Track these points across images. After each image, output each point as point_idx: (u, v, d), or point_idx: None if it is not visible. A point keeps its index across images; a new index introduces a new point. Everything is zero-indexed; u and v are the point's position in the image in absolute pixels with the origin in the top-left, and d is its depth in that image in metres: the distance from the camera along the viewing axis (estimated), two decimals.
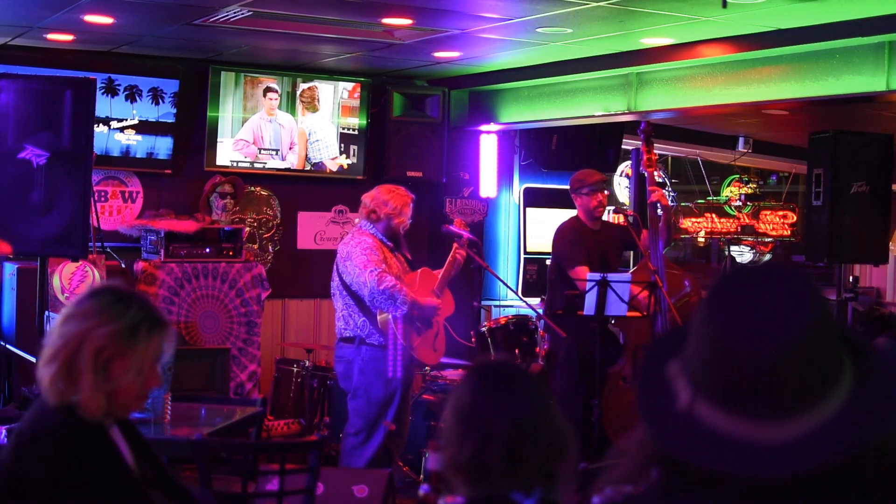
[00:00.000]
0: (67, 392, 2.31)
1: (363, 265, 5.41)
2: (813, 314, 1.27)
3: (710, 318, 1.31)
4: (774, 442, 1.27)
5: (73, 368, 2.31)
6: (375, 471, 5.26)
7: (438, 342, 5.87)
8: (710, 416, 1.31)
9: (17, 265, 6.53)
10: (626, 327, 6.22)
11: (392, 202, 5.62)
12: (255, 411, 4.66)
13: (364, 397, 5.59)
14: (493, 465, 1.96)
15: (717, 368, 1.29)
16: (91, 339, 2.31)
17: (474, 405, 2.01)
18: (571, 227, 6.38)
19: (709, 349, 1.30)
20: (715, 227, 9.61)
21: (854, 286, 6.75)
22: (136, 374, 2.34)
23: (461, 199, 8.48)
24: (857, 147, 6.46)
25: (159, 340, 2.39)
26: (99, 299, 2.38)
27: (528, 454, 1.97)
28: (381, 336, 5.54)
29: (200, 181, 7.33)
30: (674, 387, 1.36)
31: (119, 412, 2.43)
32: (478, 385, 2.04)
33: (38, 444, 2.31)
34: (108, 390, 2.32)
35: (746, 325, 1.27)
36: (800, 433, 1.26)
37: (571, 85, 7.39)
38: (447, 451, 2.01)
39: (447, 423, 2.04)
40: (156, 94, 7.25)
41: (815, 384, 1.27)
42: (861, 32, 5.40)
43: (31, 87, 5.30)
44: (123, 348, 2.33)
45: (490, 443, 1.96)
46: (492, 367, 2.11)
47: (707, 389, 1.31)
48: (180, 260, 6.75)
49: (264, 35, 6.45)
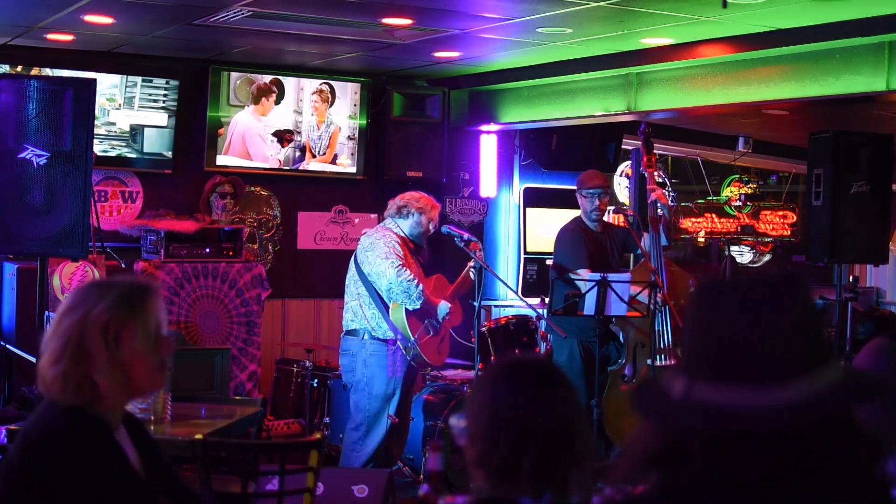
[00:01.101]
0: (83, 385, 2.29)
1: (385, 256, 5.60)
2: (801, 296, 1.39)
3: (704, 304, 1.42)
4: (773, 403, 1.34)
5: (84, 356, 2.30)
6: (375, 471, 5.26)
7: (444, 346, 5.97)
8: (708, 392, 1.38)
9: (16, 265, 6.53)
10: (627, 327, 6.22)
11: (423, 200, 5.88)
12: (255, 411, 4.66)
13: (365, 390, 5.68)
14: (524, 468, 1.92)
15: (714, 346, 1.39)
16: (92, 321, 2.30)
17: (514, 405, 1.96)
18: (573, 229, 6.38)
19: (704, 330, 1.40)
20: (715, 227, 9.61)
21: (854, 286, 6.74)
22: (145, 339, 2.34)
23: (461, 199, 8.49)
24: (857, 147, 6.45)
25: (154, 303, 2.39)
26: (83, 290, 2.41)
27: (561, 459, 1.94)
28: (387, 331, 5.63)
29: (200, 181, 7.33)
30: (668, 386, 1.44)
31: (141, 391, 2.42)
32: (516, 384, 1.99)
33: (46, 444, 2.31)
34: (124, 363, 2.31)
35: (741, 303, 1.38)
36: (796, 395, 1.35)
37: (571, 85, 7.39)
38: (476, 446, 1.97)
39: (477, 418, 1.99)
40: (156, 94, 7.25)
41: (806, 356, 1.37)
42: (861, 32, 5.40)
43: (31, 87, 5.30)
44: (126, 316, 2.33)
45: (527, 446, 1.93)
46: (531, 367, 2.05)
47: (703, 370, 1.40)
48: (180, 260, 6.75)
49: (264, 35, 6.45)
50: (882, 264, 7.21)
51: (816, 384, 1.35)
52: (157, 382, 2.45)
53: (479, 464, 1.97)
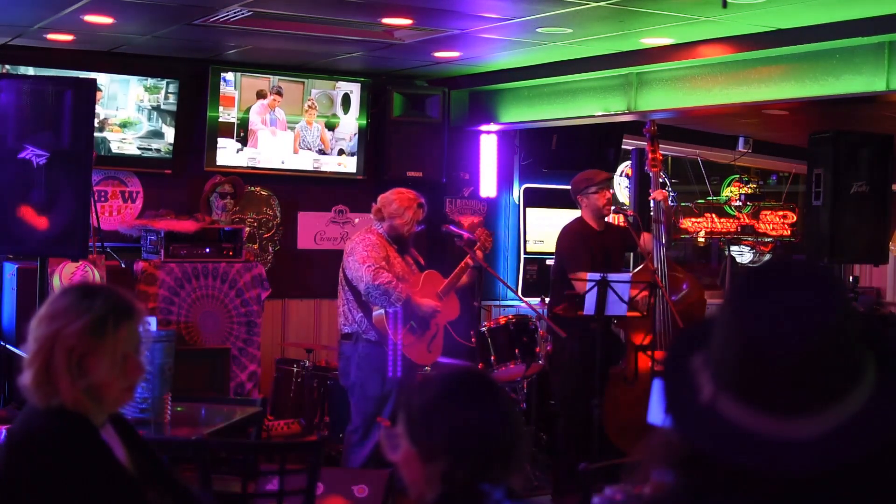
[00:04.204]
0: (49, 393, 2.31)
1: (362, 260, 5.58)
2: (838, 316, 1.29)
3: (736, 315, 1.33)
4: (797, 438, 1.28)
5: (49, 370, 2.32)
6: (375, 471, 5.26)
7: (435, 344, 5.91)
8: (732, 411, 1.32)
9: (17, 265, 6.53)
10: (627, 327, 6.22)
11: (396, 203, 5.77)
12: (255, 411, 4.66)
13: (360, 393, 5.69)
14: (463, 480, 1.92)
15: (741, 365, 1.31)
16: (61, 340, 2.31)
17: (445, 420, 1.94)
18: (576, 230, 6.37)
19: (733, 345, 1.32)
20: (715, 227, 9.60)
21: (854, 286, 6.75)
22: (111, 367, 2.33)
23: (461, 199, 8.49)
24: (857, 147, 6.46)
25: (129, 329, 2.37)
26: (66, 298, 2.39)
27: (501, 466, 1.94)
28: (377, 332, 5.62)
29: (200, 181, 7.32)
30: (697, 380, 1.37)
31: (108, 407, 2.42)
32: (443, 399, 1.98)
33: (28, 446, 2.31)
34: (86, 387, 2.31)
35: (773, 324, 1.29)
36: (823, 430, 1.28)
37: (571, 85, 7.39)
38: (437, 461, 1.95)
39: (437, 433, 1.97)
40: (156, 94, 7.25)
41: (838, 383, 1.29)
42: (861, 32, 5.40)
43: (31, 87, 5.30)
44: (94, 343, 2.32)
45: (461, 462, 1.92)
46: (469, 378, 2.04)
47: (730, 385, 1.33)
48: (180, 260, 6.75)
49: (264, 35, 6.45)
50: (882, 264, 7.22)
51: (847, 412, 1.28)
52: (122, 401, 2.47)
53: (440, 480, 1.94)
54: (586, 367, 6.12)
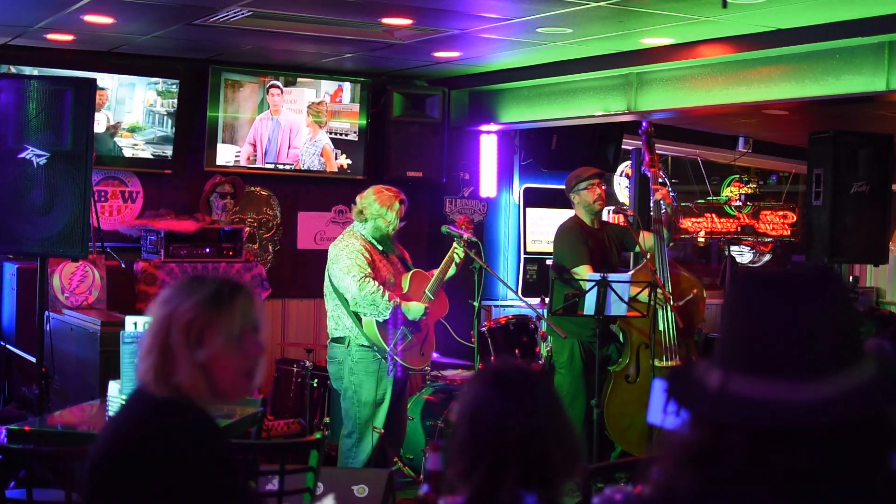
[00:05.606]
0: (168, 373, 2.27)
1: (347, 269, 5.47)
2: (839, 292, 1.39)
3: (744, 296, 1.42)
4: (810, 399, 1.34)
5: (168, 353, 2.27)
6: (375, 471, 5.26)
7: (426, 345, 5.79)
8: (745, 386, 1.37)
9: (17, 265, 6.53)
10: (627, 327, 6.22)
11: (378, 202, 5.61)
12: (255, 411, 4.66)
13: (353, 398, 5.59)
14: (506, 485, 1.89)
15: (751, 340, 1.38)
16: (177, 317, 2.28)
17: (491, 420, 1.92)
18: (572, 227, 6.36)
19: (743, 322, 1.40)
20: (715, 227, 9.60)
21: (854, 286, 6.75)
22: (227, 340, 2.28)
23: (461, 199, 8.49)
24: (857, 147, 6.46)
25: (244, 303, 2.33)
26: (177, 284, 2.38)
27: (542, 471, 1.91)
28: (368, 338, 5.53)
29: (200, 181, 7.32)
30: (703, 380, 1.43)
31: (223, 395, 2.35)
32: (492, 395, 1.95)
33: (152, 440, 2.24)
34: (204, 363, 2.27)
35: (779, 298, 1.38)
36: (834, 391, 1.34)
37: (571, 85, 7.39)
38: (457, 464, 1.93)
39: (459, 432, 1.95)
40: (156, 94, 7.25)
41: (844, 350, 1.37)
42: (861, 32, 5.40)
43: (30, 87, 5.30)
44: (210, 316, 2.28)
45: (504, 466, 1.89)
46: (506, 375, 2.00)
47: (740, 363, 1.39)
48: (180, 260, 6.75)
49: (264, 35, 6.45)
50: (882, 264, 7.22)
51: (854, 380, 1.35)
52: (240, 388, 2.37)
53: (460, 479, 1.94)
54: (585, 366, 6.12)
